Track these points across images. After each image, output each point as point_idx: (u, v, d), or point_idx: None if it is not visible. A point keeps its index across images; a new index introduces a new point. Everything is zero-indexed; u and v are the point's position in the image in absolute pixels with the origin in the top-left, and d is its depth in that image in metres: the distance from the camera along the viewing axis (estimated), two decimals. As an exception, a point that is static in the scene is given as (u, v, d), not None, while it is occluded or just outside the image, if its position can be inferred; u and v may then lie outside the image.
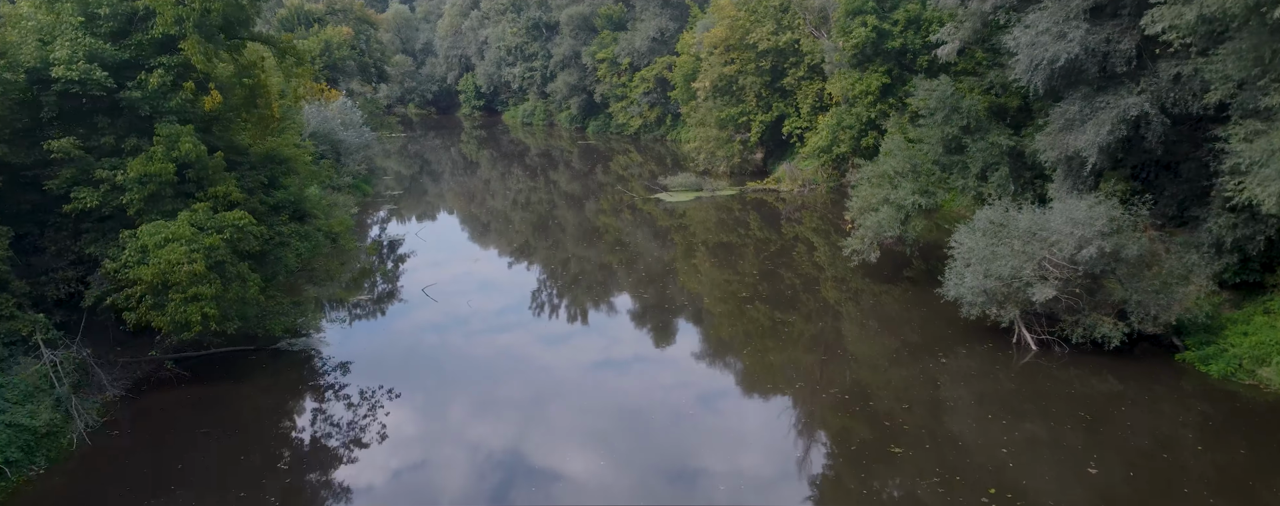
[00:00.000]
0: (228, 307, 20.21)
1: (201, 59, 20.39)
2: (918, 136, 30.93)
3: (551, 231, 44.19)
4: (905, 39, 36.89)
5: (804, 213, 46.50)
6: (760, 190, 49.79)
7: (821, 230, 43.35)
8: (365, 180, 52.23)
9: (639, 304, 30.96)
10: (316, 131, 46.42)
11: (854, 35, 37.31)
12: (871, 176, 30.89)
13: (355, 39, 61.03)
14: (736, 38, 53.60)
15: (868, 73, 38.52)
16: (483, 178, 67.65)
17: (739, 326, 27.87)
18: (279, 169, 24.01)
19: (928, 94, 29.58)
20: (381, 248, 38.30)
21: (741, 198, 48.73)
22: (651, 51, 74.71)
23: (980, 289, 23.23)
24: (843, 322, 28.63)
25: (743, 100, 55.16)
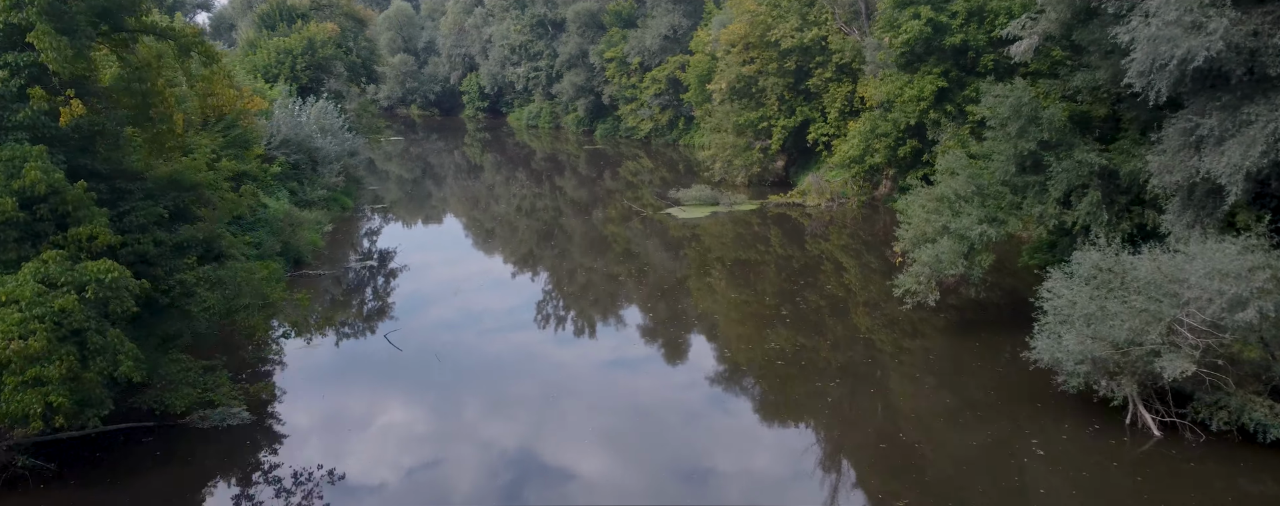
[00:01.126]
0: (88, 391, 14.86)
1: (56, 57, 15.04)
2: (982, 151, 25.35)
3: (555, 242, 38.89)
4: (966, 34, 31.15)
5: (831, 229, 40.99)
6: (783, 204, 44.24)
7: (851, 249, 37.92)
8: (346, 191, 46.92)
9: (646, 324, 27.70)
10: (289, 139, 41.15)
11: (904, 30, 31.53)
12: (927, 200, 25.29)
13: (342, 37, 55.77)
14: (757, 35, 48.06)
15: (919, 74, 32.68)
16: (486, 183, 62.82)
17: (757, 352, 24.24)
18: (187, 197, 18.64)
19: (999, 101, 24.00)
20: (359, 271, 32.97)
21: (762, 212, 43.21)
22: (663, 50, 69.21)
23: (1084, 355, 17.69)
24: (879, 356, 23.65)
25: (763, 103, 49.62)
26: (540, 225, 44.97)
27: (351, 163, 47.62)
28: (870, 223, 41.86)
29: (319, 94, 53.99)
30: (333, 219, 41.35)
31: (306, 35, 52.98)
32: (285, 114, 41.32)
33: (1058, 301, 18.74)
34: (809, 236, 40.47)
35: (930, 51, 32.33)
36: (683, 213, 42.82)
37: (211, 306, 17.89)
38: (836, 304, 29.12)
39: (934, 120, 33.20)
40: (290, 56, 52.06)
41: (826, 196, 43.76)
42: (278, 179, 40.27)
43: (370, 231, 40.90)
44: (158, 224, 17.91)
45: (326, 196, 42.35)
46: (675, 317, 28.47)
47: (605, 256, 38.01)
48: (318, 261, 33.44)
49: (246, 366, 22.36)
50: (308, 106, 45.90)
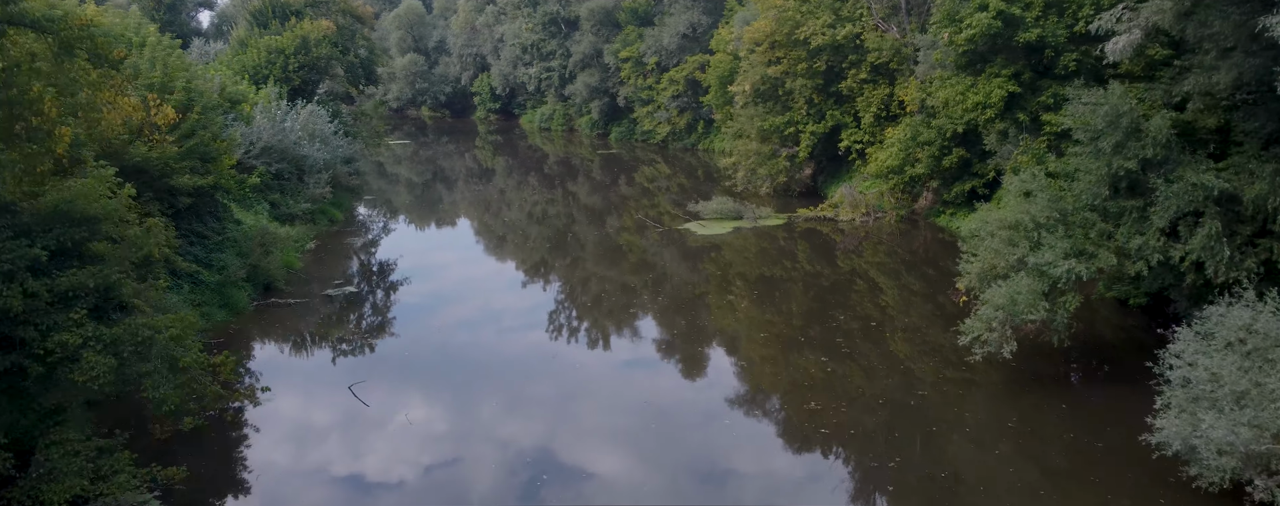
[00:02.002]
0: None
1: None
2: (1064, 169, 20.94)
3: (566, 252, 34.71)
4: (1043, 29, 26.42)
5: (865, 245, 36.69)
6: (813, 219, 39.85)
7: (888, 268, 33.81)
8: (338, 202, 42.91)
9: (661, 344, 25.47)
10: (270, 147, 37.15)
11: (970, 25, 26.71)
12: (997, 228, 20.89)
13: (340, 35, 51.82)
14: (784, 33, 43.69)
15: (984, 77, 27.88)
16: (497, 187, 59.18)
17: (781, 378, 22.18)
18: (76, 233, 14.53)
19: (1090, 109, 19.59)
20: (337, 297, 28.86)
21: (790, 227, 38.86)
22: (681, 49, 64.89)
23: (1233, 445, 13.35)
24: (921, 389, 20.09)
25: (790, 107, 45.24)
26: (551, 233, 41.03)
27: (344, 171, 43.62)
28: (909, 239, 37.49)
29: (314, 97, 50.12)
30: (318, 234, 37.32)
31: (300, 34, 49.03)
32: (267, 119, 37.33)
33: (1193, 372, 14.37)
34: (840, 252, 36.22)
35: (998, 50, 27.51)
36: (703, 228, 38.54)
37: (101, 375, 13.78)
38: (871, 327, 25.75)
39: (1001, 130, 28.40)
40: (282, 56, 48.13)
41: (861, 210, 39.34)
42: (256, 191, 36.31)
43: (361, 247, 36.84)
44: (32, 269, 13.82)
45: (312, 209, 38.33)
46: (691, 336, 25.87)
47: (618, 267, 34.00)
48: (291, 287, 29.40)
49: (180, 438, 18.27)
50: (295, 110, 41.93)
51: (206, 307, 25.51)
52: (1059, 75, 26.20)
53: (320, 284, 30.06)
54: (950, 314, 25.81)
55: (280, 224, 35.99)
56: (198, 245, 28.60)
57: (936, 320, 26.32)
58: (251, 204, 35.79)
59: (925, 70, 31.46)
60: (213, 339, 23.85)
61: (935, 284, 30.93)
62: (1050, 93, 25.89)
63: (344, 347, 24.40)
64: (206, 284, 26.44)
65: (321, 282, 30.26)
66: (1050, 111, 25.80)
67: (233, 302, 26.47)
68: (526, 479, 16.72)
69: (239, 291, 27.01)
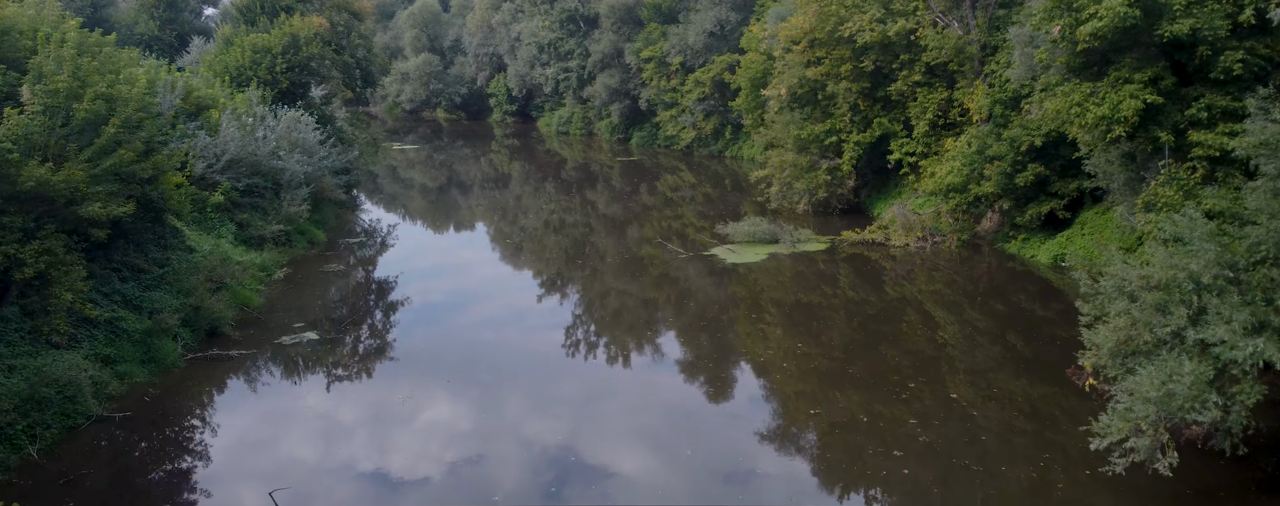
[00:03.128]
0: None
1: None
2: (1230, 208, 15.40)
3: (584, 263, 29.45)
4: (1197, 20, 20.29)
5: (920, 273, 31.21)
6: (860, 243, 34.29)
7: (946, 299, 28.98)
8: (321, 220, 37.89)
9: (684, 374, 22.38)
10: (238, 159, 32.16)
11: (1100, 14, 20.19)
12: (1137, 286, 15.35)
13: (334, 33, 46.86)
14: (825, 29, 38.21)
15: (1108, 83, 21.55)
16: (514, 193, 54.80)
17: (820, 415, 19.28)
18: None
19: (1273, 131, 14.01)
20: (294, 346, 23.74)
21: (833, 253, 33.37)
22: (708, 49, 59.45)
23: None
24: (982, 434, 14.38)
25: (831, 113, 39.75)
26: (568, 244, 35.95)
27: (333, 184, 38.58)
28: (970, 267, 31.97)
29: (305, 100, 45.18)
30: (292, 260, 32.26)
31: (289, 31, 44.07)
32: (235, 128, 32.33)
33: None
34: (888, 279, 30.87)
35: (1128, 47, 21.41)
36: (733, 253, 33.12)
37: None
38: (925, 366, 21.95)
39: (1126, 153, 22.36)
40: (268, 56, 43.19)
41: (916, 234, 33.76)
42: (220, 211, 31.33)
43: (343, 274, 31.73)
44: None
45: (288, 230, 33.29)
46: (716, 367, 22.77)
47: (639, 280, 28.77)
48: (242, 332, 24.32)
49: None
50: (275, 117, 36.95)
51: (123, 365, 20.49)
52: (1217, 81, 20.29)
53: (277, 328, 24.94)
54: (1021, 358, 22.39)
55: (247, 249, 31.01)
56: (131, 281, 23.64)
57: (1006, 363, 22.08)
58: (215, 226, 30.83)
59: (1023, 74, 25.72)
60: (117, 410, 18.78)
61: (1005, 321, 26.01)
62: (1203, 104, 20.09)
63: (277, 433, 19.22)
64: (129, 333, 21.41)
65: (280, 326, 25.14)
66: (1202, 128, 20.03)
67: (159, 356, 21.43)
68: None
69: (169, 342, 21.95)
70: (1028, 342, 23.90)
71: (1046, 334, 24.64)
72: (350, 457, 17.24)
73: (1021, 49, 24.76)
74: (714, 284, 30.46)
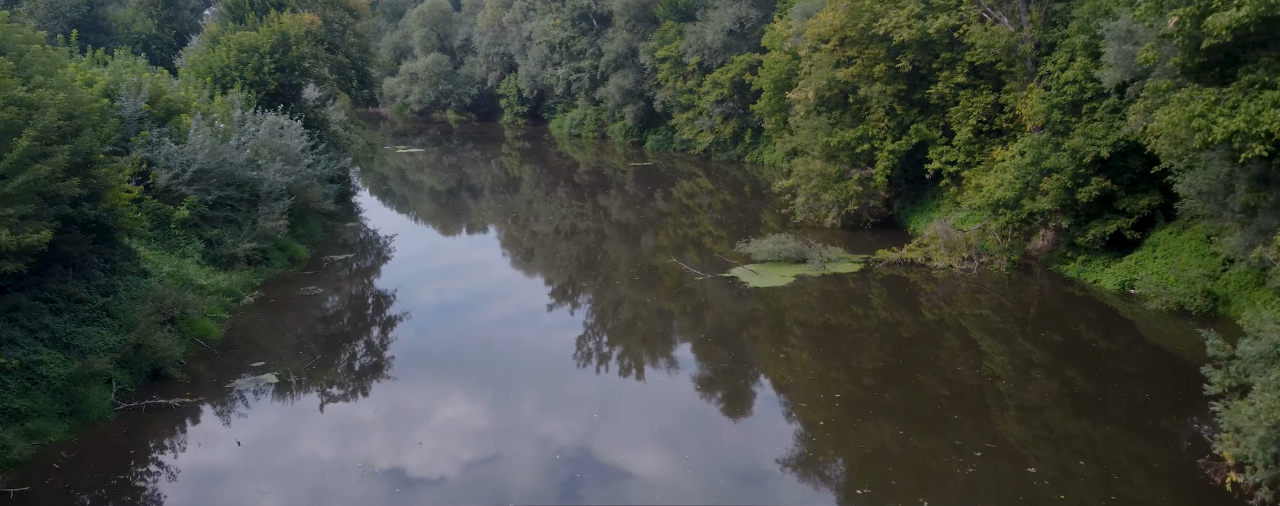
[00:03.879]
0: None
1: None
2: None
3: (597, 273, 25.94)
4: None
5: (963, 296, 27.65)
6: (897, 263, 30.61)
7: (992, 325, 26.15)
8: (306, 234, 34.58)
9: (698, 396, 20.67)
10: (206, 169, 28.87)
11: (1238, 2, 15.82)
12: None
13: (328, 31, 43.58)
14: (858, 26, 34.58)
15: (1238, 89, 17.31)
16: (524, 197, 52.37)
17: (849, 448, 17.50)
18: None
19: None
20: (257, 391, 20.39)
21: (867, 275, 29.75)
22: (727, 48, 55.82)
23: None
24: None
25: (863, 118, 36.08)
26: (580, 251, 32.30)
27: (318, 194, 35.25)
28: (1020, 291, 28.40)
29: (296, 103, 41.94)
30: (267, 281, 28.95)
31: (278, 29, 40.81)
32: (205, 134, 29.03)
33: None
34: (927, 301, 27.40)
35: (1262, 43, 17.35)
36: (756, 274, 29.55)
37: None
38: (969, 399, 19.81)
39: (1257, 176, 18.35)
40: (256, 55, 39.94)
41: (961, 254, 30.07)
42: (187, 227, 28.05)
43: (322, 297, 28.33)
44: None
45: (264, 248, 29.96)
46: (735, 392, 20.86)
47: (653, 290, 25.16)
48: (192, 372, 21.00)
49: None
50: (254, 121, 33.70)
51: (36, 421, 17.17)
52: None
53: (234, 367, 21.59)
54: (1082, 395, 19.63)
55: (216, 270, 27.72)
56: (66, 314, 20.36)
57: (1064, 400, 19.46)
58: (179, 244, 27.55)
59: (1119, 75, 21.93)
60: (13, 482, 15.44)
61: (1063, 353, 22.72)
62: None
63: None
64: (49, 380, 18.10)
65: (237, 364, 21.79)
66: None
67: (85, 407, 18.12)
68: None
69: (99, 389, 18.64)
70: (1090, 378, 20.84)
71: (1111, 369, 21.54)
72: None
73: (1118, 47, 20.96)
74: (733, 300, 27.03)
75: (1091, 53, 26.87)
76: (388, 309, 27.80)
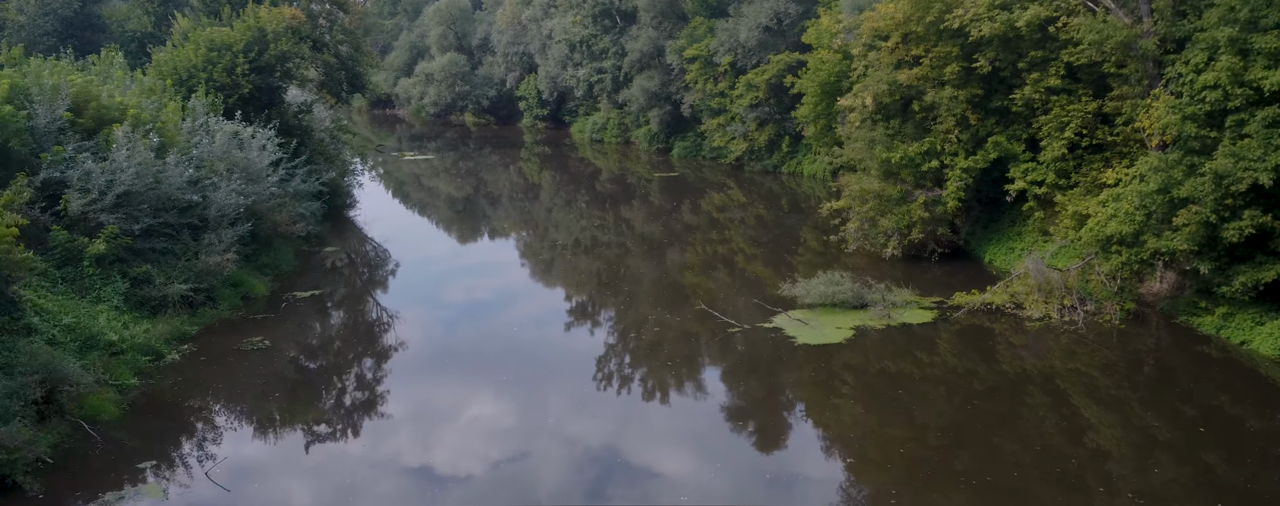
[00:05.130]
0: None
1: None
2: None
3: (618, 291, 20.23)
4: None
5: (1061, 351, 21.80)
6: (979, 310, 24.49)
7: (1092, 384, 21.45)
8: (269, 263, 29.13)
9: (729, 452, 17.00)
10: (134, 192, 23.45)
11: None
12: None
13: (313, 28, 38.23)
14: (925, 21, 28.60)
15: None
16: (543, 206, 48.24)
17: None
18: None
19: None
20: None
21: (942, 326, 23.73)
22: (763, 47, 49.84)
23: None
24: None
25: (929, 129, 30.05)
26: (598, 271, 26.46)
27: (289, 216, 29.84)
28: (1131, 343, 22.56)
29: (276, 107, 36.65)
30: (206, 328, 23.47)
31: (254, 25, 35.48)
32: (133, 149, 23.61)
33: None
34: (1015, 356, 21.67)
35: None
36: (806, 324, 23.61)
37: None
38: (1063, 471, 15.82)
39: None
40: (227, 54, 34.65)
41: (1062, 299, 23.95)
42: (106, 264, 22.64)
43: (268, 351, 22.65)
44: None
45: (208, 286, 24.48)
46: (779, 449, 17.81)
47: (677, 357, 19.12)
48: (63, 476, 15.51)
49: None
50: (209, 132, 28.36)
51: None
52: None
53: (115, 469, 16.06)
54: (1227, 486, 15.37)
55: (141, 316, 22.31)
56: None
57: (1200, 491, 15.29)
58: (94, 286, 22.15)
59: None
60: None
61: (1197, 429, 17.64)
62: None
63: None
64: None
65: (118, 466, 16.25)
66: None
67: None
68: None
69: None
70: (1236, 465, 16.03)
71: (1266, 455, 16.38)
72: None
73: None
74: (779, 369, 21.18)
75: (1239, 49, 20.73)
76: (350, 371, 22.19)
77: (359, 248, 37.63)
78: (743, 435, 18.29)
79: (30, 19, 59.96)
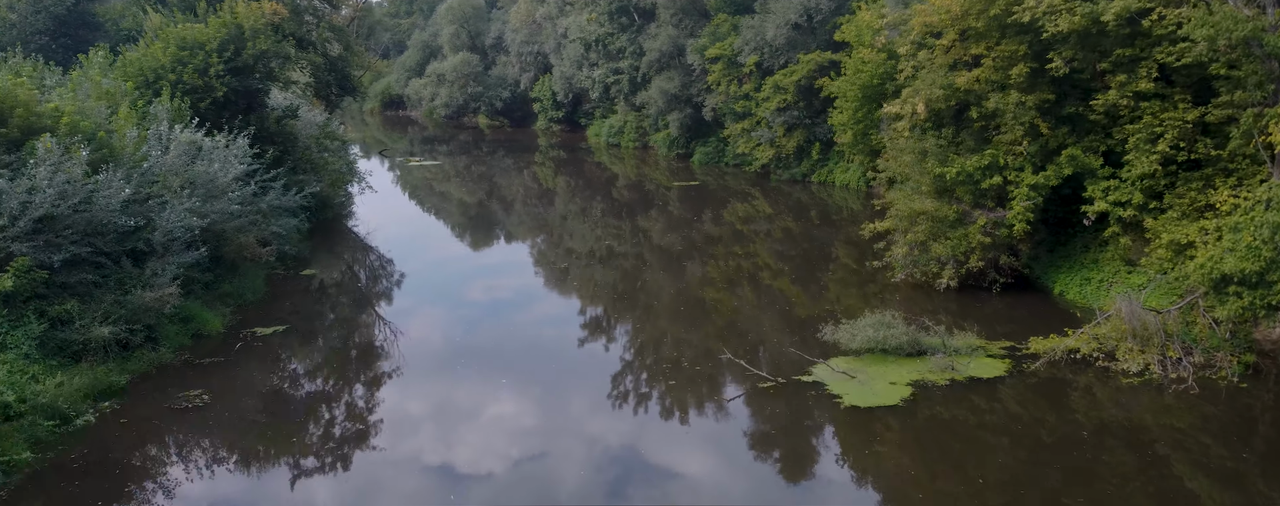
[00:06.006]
0: None
1: None
2: None
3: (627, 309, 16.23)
4: None
5: (1145, 393, 17.61)
6: (1060, 359, 20.19)
7: (1188, 444, 16.36)
8: (232, 293, 25.30)
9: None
10: (54, 216, 19.66)
11: None
12: None
13: (298, 24, 34.43)
14: (987, 14, 24.35)
15: None
16: (557, 213, 45.52)
17: None
18: None
19: None
20: None
21: (1018, 379, 19.48)
22: (792, 45, 45.62)
23: None
24: None
25: (990, 140, 25.79)
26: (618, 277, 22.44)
27: (252, 241, 26.02)
28: (1243, 402, 18.22)
29: (256, 113, 32.94)
30: (140, 376, 19.66)
31: (230, 21, 31.76)
32: (52, 167, 19.81)
33: None
34: (1098, 410, 17.53)
35: None
36: (853, 381, 19.43)
37: None
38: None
39: None
40: (200, 53, 30.96)
41: (1161, 348, 19.66)
42: (15, 303, 18.85)
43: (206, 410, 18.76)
44: None
45: (148, 325, 20.67)
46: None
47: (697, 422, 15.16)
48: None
49: None
50: (162, 142, 24.61)
51: None
52: None
53: None
54: None
55: (59, 365, 18.51)
56: None
57: None
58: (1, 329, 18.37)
59: None
60: None
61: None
62: None
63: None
64: None
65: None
66: None
67: None
68: None
69: None
70: None
71: None
72: None
73: None
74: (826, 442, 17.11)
75: (1401, 47, 16.38)
76: (300, 438, 18.20)
77: (351, 265, 33.84)
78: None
79: (21, 17, 56.81)
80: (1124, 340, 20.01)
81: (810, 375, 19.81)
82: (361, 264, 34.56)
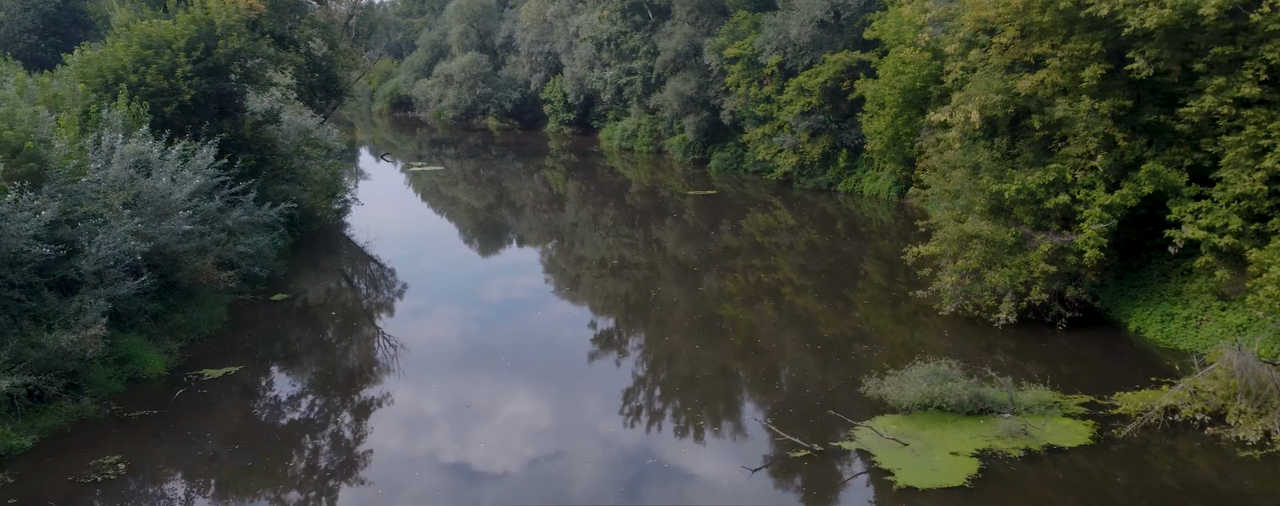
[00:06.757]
0: None
1: None
2: None
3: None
4: None
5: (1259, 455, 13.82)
6: (1162, 423, 16.55)
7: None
8: (185, 326, 21.99)
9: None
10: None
11: None
12: None
13: (277, 20, 31.17)
14: (1054, 8, 20.74)
15: None
16: (569, 219, 42.67)
17: None
18: None
19: None
20: None
21: (1104, 448, 15.87)
22: (817, 44, 41.99)
23: None
24: None
25: (1054, 152, 22.16)
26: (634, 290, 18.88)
27: (209, 266, 22.74)
28: None
29: (230, 119, 29.75)
30: (54, 434, 16.39)
31: (200, 17, 28.56)
32: None
33: None
34: (1184, 470, 13.82)
35: None
36: (906, 449, 15.89)
37: None
38: None
39: None
40: (166, 52, 27.77)
41: (1265, 395, 16.02)
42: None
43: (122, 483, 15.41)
44: None
45: (70, 370, 17.39)
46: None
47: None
48: None
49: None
50: (108, 153, 21.39)
51: None
52: None
53: None
54: None
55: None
56: None
57: None
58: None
59: None
60: None
61: None
62: None
63: None
64: None
65: None
66: None
67: None
68: None
69: None
70: None
71: None
72: None
73: None
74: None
75: None
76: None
77: (336, 283, 30.56)
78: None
79: (10, 15, 54.19)
80: (1232, 399, 16.38)
81: (854, 440, 16.28)
82: (351, 280, 31.32)
